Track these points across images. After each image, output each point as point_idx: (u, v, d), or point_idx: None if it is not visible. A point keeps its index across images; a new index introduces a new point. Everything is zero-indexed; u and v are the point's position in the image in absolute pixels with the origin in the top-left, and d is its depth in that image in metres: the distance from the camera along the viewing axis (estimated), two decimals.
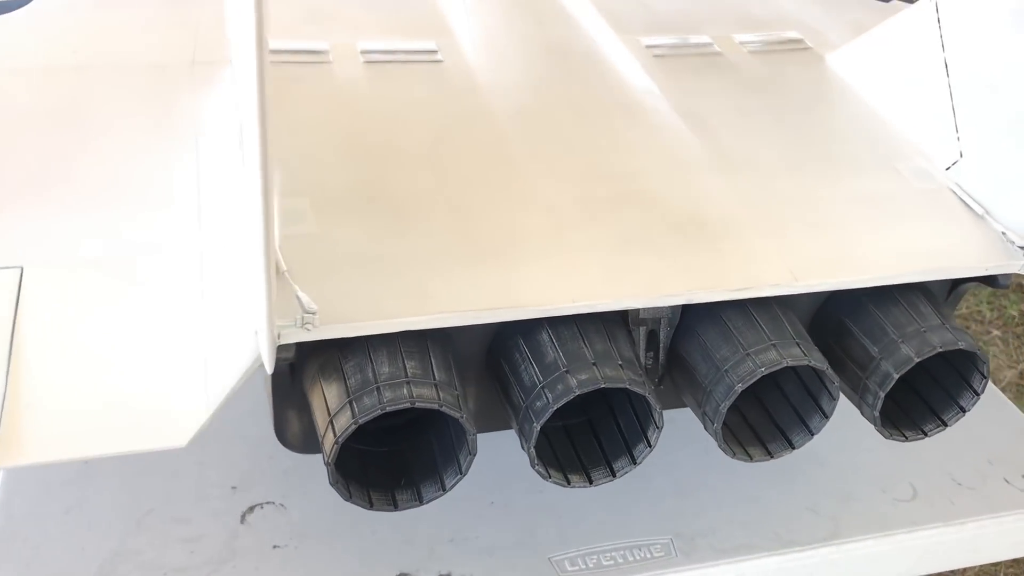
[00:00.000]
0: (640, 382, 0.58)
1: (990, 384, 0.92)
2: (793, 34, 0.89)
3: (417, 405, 0.54)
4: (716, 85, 0.80)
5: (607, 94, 0.77)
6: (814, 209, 0.67)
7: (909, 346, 0.63)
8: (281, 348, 0.54)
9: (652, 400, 0.59)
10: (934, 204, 0.69)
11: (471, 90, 0.75)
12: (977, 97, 0.69)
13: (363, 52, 0.78)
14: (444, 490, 0.59)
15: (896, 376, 0.63)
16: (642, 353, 0.65)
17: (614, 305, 0.59)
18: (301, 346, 0.57)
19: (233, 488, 0.75)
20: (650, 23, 0.87)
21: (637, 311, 0.64)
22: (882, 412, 0.69)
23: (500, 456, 0.70)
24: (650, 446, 0.61)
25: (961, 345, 0.63)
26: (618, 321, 0.63)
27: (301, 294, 0.54)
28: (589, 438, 0.64)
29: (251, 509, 0.75)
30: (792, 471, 0.82)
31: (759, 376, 0.60)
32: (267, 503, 0.75)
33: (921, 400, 0.70)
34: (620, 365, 0.58)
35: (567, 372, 0.58)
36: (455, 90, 0.75)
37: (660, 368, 0.67)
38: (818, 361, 0.61)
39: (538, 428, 0.57)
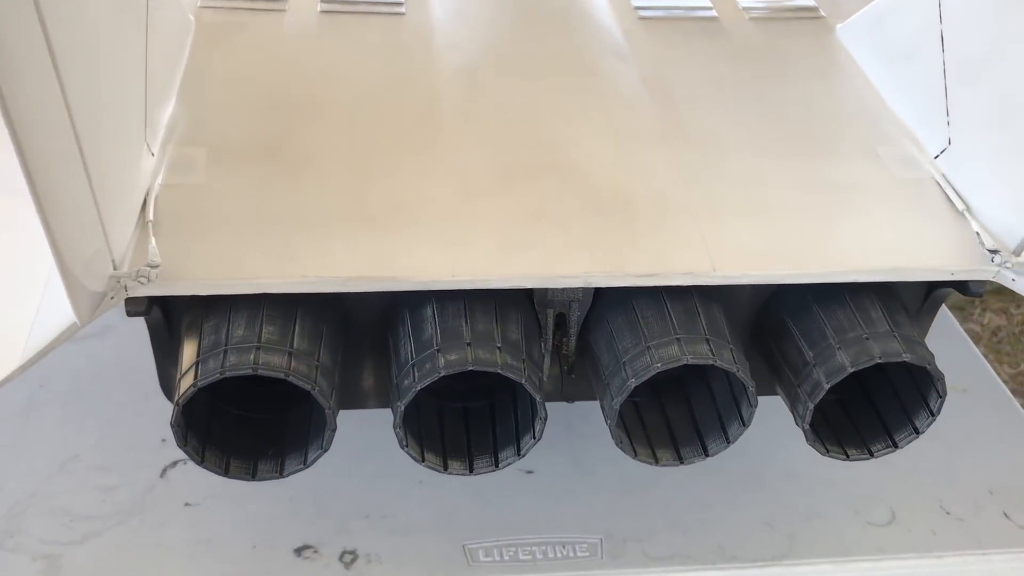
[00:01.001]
0: (516, 368, 0.53)
1: (1013, 403, 0.83)
2: (809, 2, 0.80)
3: (260, 372, 0.51)
4: (700, 52, 0.73)
5: (571, 57, 0.71)
6: (764, 194, 0.60)
7: (845, 354, 0.56)
8: (130, 301, 0.52)
9: (530, 389, 0.54)
10: (911, 196, 0.61)
11: (424, 46, 0.71)
12: (969, 77, 0.60)
13: (323, 1, 0.75)
14: (305, 464, 0.56)
15: (826, 385, 0.56)
16: (548, 338, 0.60)
17: (499, 283, 0.54)
18: (176, 301, 0.55)
19: (163, 441, 0.74)
20: None
21: (544, 292, 0.58)
22: (830, 425, 0.62)
23: None
24: (535, 437, 0.56)
25: (906, 358, 0.55)
26: (522, 302, 0.58)
27: (152, 246, 0.52)
28: (486, 423, 0.60)
29: (174, 464, 0.73)
30: (757, 480, 0.76)
31: (654, 372, 0.54)
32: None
33: (877, 416, 0.62)
34: (498, 348, 0.54)
35: (438, 351, 0.53)
36: (406, 45, 0.71)
37: (571, 355, 0.61)
38: (727, 362, 0.54)
39: (402, 408, 0.54)
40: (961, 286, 0.59)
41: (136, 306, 0.52)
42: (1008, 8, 0.57)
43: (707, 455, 0.59)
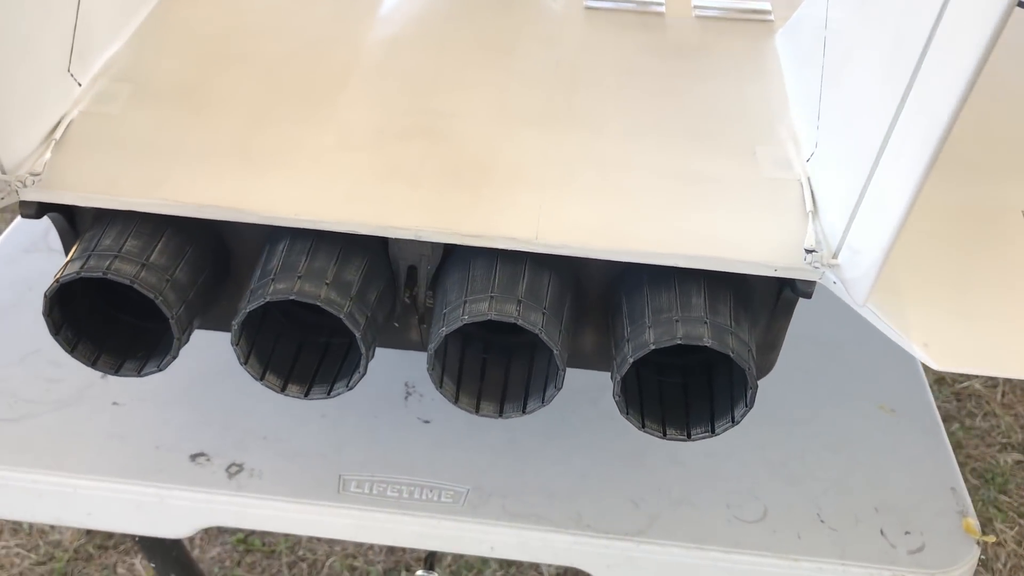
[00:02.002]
0: (338, 304, 0.58)
1: (939, 429, 0.82)
2: (763, 5, 0.81)
3: (108, 277, 0.58)
4: (627, 44, 0.76)
5: (495, 37, 0.75)
6: (623, 177, 0.63)
7: (654, 331, 0.58)
8: (23, 204, 0.61)
9: (350, 325, 0.59)
10: (770, 195, 0.62)
11: (364, 15, 0.77)
12: (832, 81, 0.61)
13: None
14: (159, 368, 0.63)
15: (631, 359, 0.58)
16: (400, 288, 0.65)
17: (336, 227, 0.59)
18: (78, 212, 0.64)
19: None
20: None
21: (397, 245, 0.63)
22: (662, 404, 0.64)
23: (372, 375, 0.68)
24: (361, 372, 0.61)
25: (707, 342, 0.57)
26: (377, 252, 0.63)
27: (45, 159, 0.60)
28: (337, 357, 0.65)
29: None
30: (639, 459, 0.78)
31: (460, 324, 0.58)
32: None
33: (709, 403, 0.64)
34: (326, 284, 0.59)
35: (272, 280, 0.59)
36: (347, 14, 0.77)
37: (422, 307, 0.66)
38: (531, 324, 0.58)
39: (236, 326, 0.60)
40: (795, 287, 0.60)
41: (27, 209, 0.61)
42: (863, 7, 0.58)
43: (524, 412, 0.62)
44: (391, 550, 1.66)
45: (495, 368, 0.66)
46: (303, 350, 0.66)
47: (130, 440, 0.76)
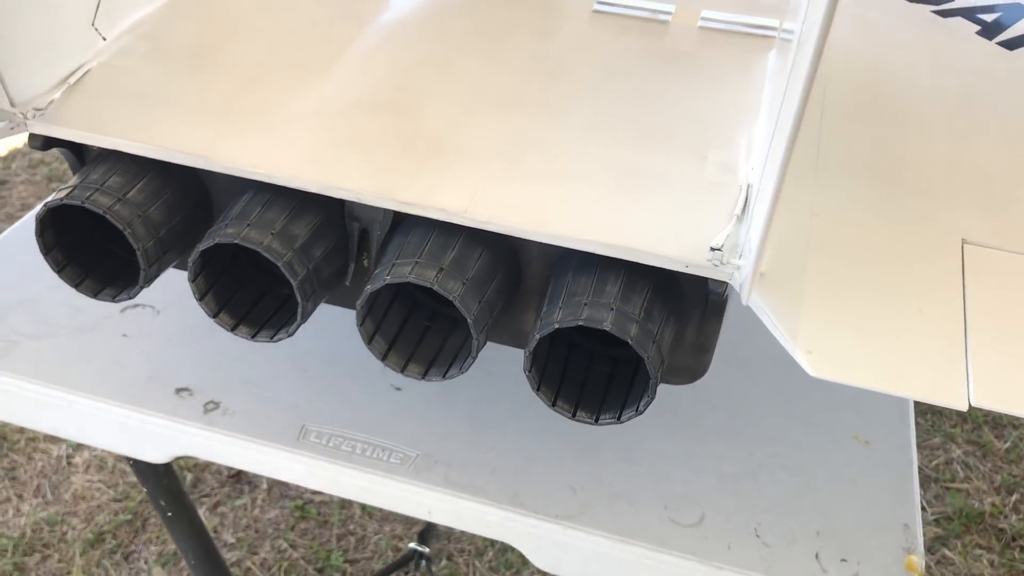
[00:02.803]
0: (280, 253, 0.63)
1: (911, 467, 0.80)
2: (771, 21, 0.82)
3: (85, 206, 0.65)
4: (620, 47, 0.78)
5: (493, 29, 0.79)
6: (568, 165, 0.66)
7: (562, 312, 0.61)
8: (30, 136, 0.69)
9: (287, 273, 0.64)
10: (707, 197, 0.64)
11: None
12: (776, 92, 0.62)
13: None
14: (130, 295, 0.69)
15: (537, 336, 0.61)
16: (353, 250, 0.69)
17: (284, 181, 0.64)
18: (85, 149, 0.72)
19: None
20: None
21: (352, 207, 0.68)
22: (582, 388, 0.66)
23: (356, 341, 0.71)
24: (298, 319, 0.66)
25: (607, 327, 0.59)
26: (333, 213, 0.68)
27: (54, 96, 0.68)
28: (292, 308, 0.70)
29: (134, 306, 0.90)
30: (594, 449, 0.80)
31: (382, 284, 0.62)
32: (149, 306, 0.91)
33: (627, 392, 0.65)
34: (272, 233, 0.64)
35: (225, 225, 0.65)
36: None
37: (371, 268, 0.70)
38: (446, 291, 0.61)
39: (190, 263, 0.66)
40: (708, 290, 0.61)
41: (34, 141, 0.69)
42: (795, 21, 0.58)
43: (425, 376, 0.66)
44: (437, 538, 1.71)
45: (434, 336, 0.69)
46: (264, 298, 0.71)
47: (128, 368, 0.83)
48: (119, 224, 0.65)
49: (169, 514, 0.98)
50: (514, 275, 0.68)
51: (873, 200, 0.64)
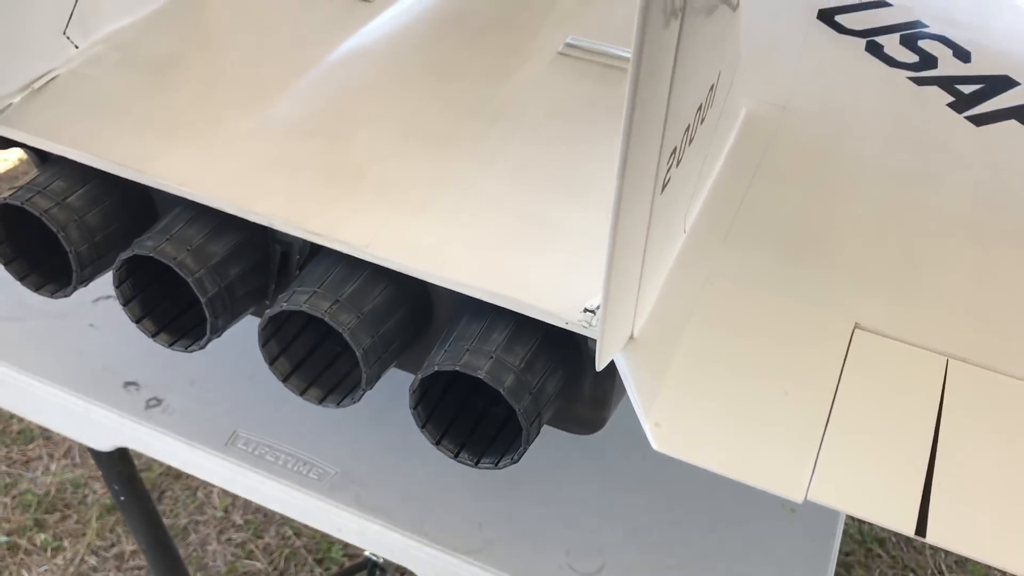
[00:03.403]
0: (191, 269, 0.66)
1: (835, 538, 0.79)
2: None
3: (24, 207, 0.69)
4: (574, 91, 0.78)
5: (452, 64, 0.80)
6: (478, 209, 0.66)
7: (444, 355, 0.62)
8: None
9: (196, 289, 0.66)
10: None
11: (356, 25, 0.84)
12: None
13: None
14: (65, 294, 0.73)
15: (420, 376, 0.62)
16: (274, 271, 0.71)
17: (202, 199, 0.66)
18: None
19: None
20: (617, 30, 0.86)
21: (274, 231, 0.70)
22: (473, 431, 0.67)
23: None
24: (207, 334, 0.69)
25: (480, 375, 0.60)
26: (257, 234, 0.70)
27: (13, 100, 0.72)
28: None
29: (107, 297, 0.95)
30: (514, 490, 0.80)
31: (279, 310, 0.64)
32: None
33: (515, 439, 0.66)
34: (187, 249, 0.67)
35: (147, 238, 0.68)
36: (345, 21, 0.84)
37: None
38: (337, 323, 0.63)
39: (113, 272, 0.69)
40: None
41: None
42: None
43: (338, 406, 0.67)
44: None
45: (343, 363, 0.71)
46: (189, 311, 0.74)
47: (85, 357, 0.88)
48: (53, 227, 0.69)
49: (122, 498, 1.03)
50: (424, 311, 0.69)
51: (775, 271, 0.63)
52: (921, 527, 0.50)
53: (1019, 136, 0.78)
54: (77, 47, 0.78)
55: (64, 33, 0.76)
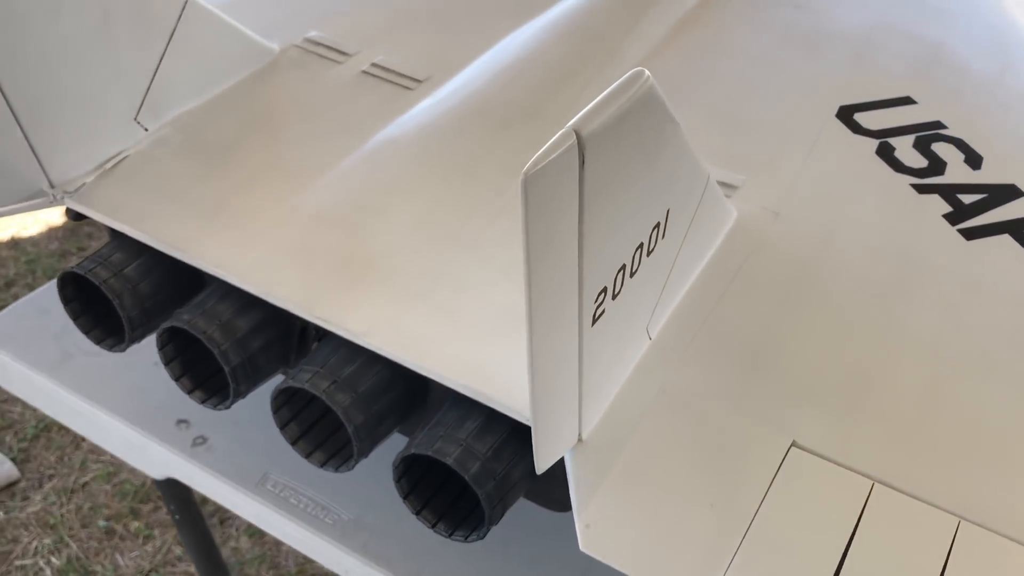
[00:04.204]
0: (217, 342, 0.75)
1: None
2: (739, 178, 0.86)
3: (87, 277, 0.80)
4: None
5: (470, 160, 0.87)
6: (471, 305, 0.73)
7: (422, 439, 0.69)
8: (67, 209, 0.84)
9: (220, 360, 0.76)
10: None
11: (392, 116, 0.92)
12: None
13: (372, 64, 0.99)
14: (109, 350, 0.84)
15: (401, 455, 0.70)
16: (294, 343, 0.80)
17: (235, 281, 0.76)
18: None
19: None
20: None
21: None
22: (456, 502, 0.74)
23: None
24: (231, 398, 0.78)
25: (448, 461, 0.67)
26: (280, 313, 0.78)
27: (87, 180, 0.83)
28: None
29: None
30: (505, 545, 0.87)
31: (286, 386, 0.73)
32: None
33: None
34: (217, 324, 0.76)
35: (184, 311, 0.78)
36: (385, 109, 0.93)
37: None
38: (334, 403, 0.71)
39: (156, 336, 0.79)
40: None
41: (69, 214, 0.84)
42: None
43: (337, 471, 0.76)
44: None
45: (344, 434, 0.79)
46: (220, 373, 0.83)
47: (146, 394, 0.99)
48: (109, 294, 0.80)
49: (177, 517, 1.14)
50: (421, 390, 0.77)
51: (726, 385, 0.68)
52: None
53: (1007, 252, 0.80)
54: (147, 129, 0.89)
55: (136, 119, 0.87)
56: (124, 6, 0.80)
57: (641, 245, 0.60)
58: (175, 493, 1.11)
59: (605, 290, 0.57)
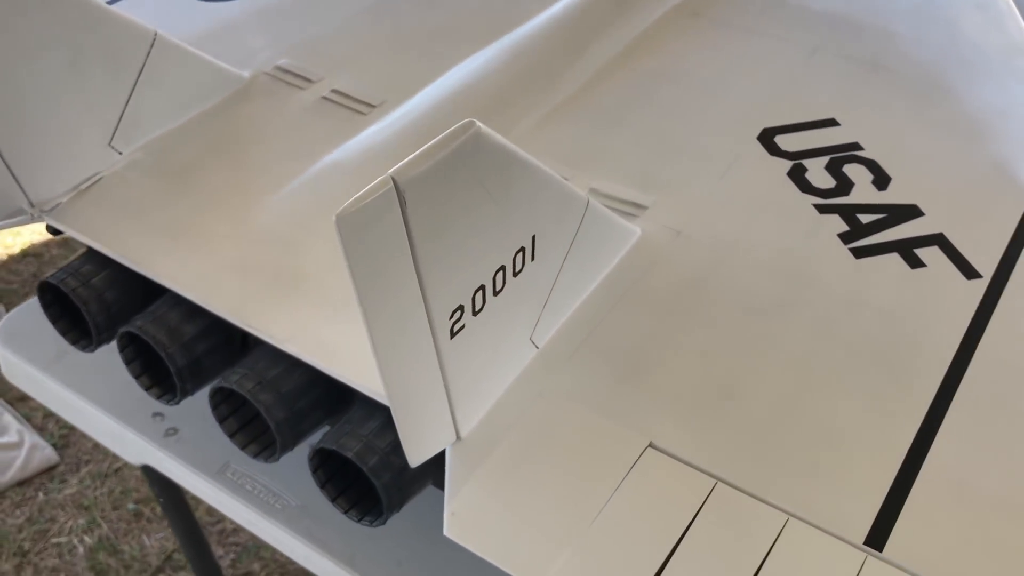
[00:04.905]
0: (161, 343, 0.85)
1: None
2: (650, 199, 0.92)
3: (59, 286, 0.90)
4: None
5: None
6: None
7: (331, 435, 0.78)
8: (47, 225, 0.95)
9: (168, 363, 0.85)
10: None
11: (348, 142, 1.01)
12: None
13: (332, 90, 1.08)
14: (83, 350, 0.94)
15: (315, 448, 0.79)
16: (236, 349, 0.90)
17: (179, 291, 0.85)
18: None
19: None
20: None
21: None
22: (369, 492, 0.83)
23: None
24: (177, 396, 0.88)
25: (349, 455, 0.76)
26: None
27: (62, 200, 0.94)
28: None
29: None
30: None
31: (218, 384, 0.82)
32: None
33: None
34: (166, 328, 0.86)
35: (139, 318, 0.88)
36: (341, 134, 1.01)
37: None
38: (259, 402, 0.80)
39: (117, 340, 0.89)
40: None
41: (49, 228, 0.95)
42: None
43: (267, 462, 0.85)
44: None
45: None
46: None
47: (128, 388, 1.08)
48: (77, 302, 0.90)
49: (161, 500, 1.25)
50: (346, 392, 0.86)
51: (600, 392, 0.76)
52: None
53: (893, 270, 0.86)
54: (121, 153, 0.99)
55: (110, 144, 0.97)
56: (94, 46, 0.90)
57: (503, 267, 0.68)
58: (157, 477, 1.21)
59: (462, 308, 0.65)
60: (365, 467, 0.76)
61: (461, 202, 0.60)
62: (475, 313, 0.67)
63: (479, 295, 0.67)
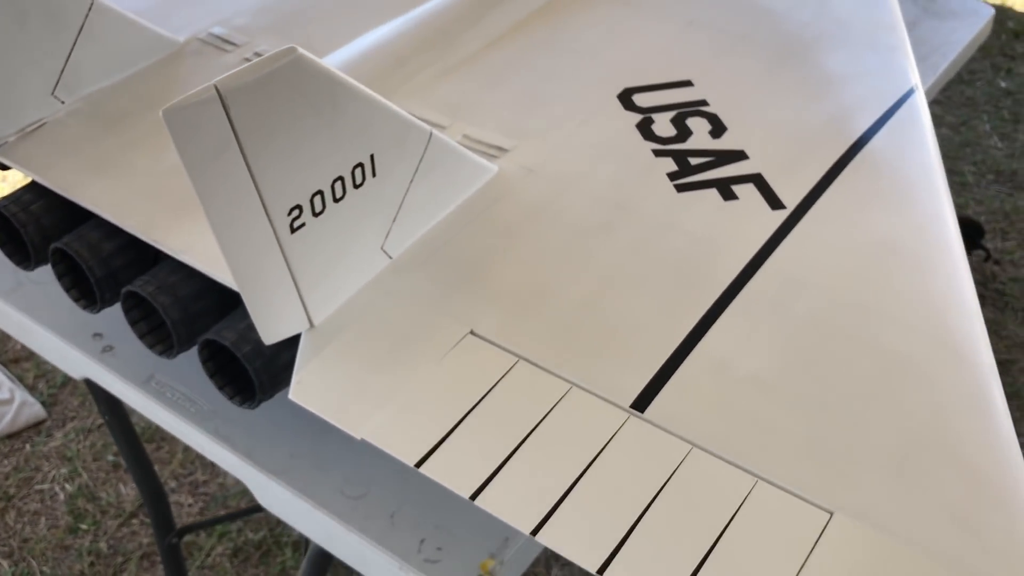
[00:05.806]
0: (85, 258, 1.00)
1: None
2: (512, 143, 1.07)
3: (2, 211, 1.06)
4: None
5: None
6: None
7: (212, 330, 0.93)
8: None
9: (87, 271, 1.00)
10: None
11: None
12: None
13: (254, 53, 1.23)
14: (23, 268, 1.09)
15: (200, 341, 0.94)
16: (150, 263, 1.05)
17: (99, 213, 1.01)
18: None
19: None
20: None
21: None
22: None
23: None
24: (98, 302, 1.03)
25: (225, 343, 0.90)
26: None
27: (10, 139, 1.09)
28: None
29: None
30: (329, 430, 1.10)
31: (127, 290, 0.97)
32: None
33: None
34: (87, 245, 1.01)
35: (68, 237, 1.03)
36: None
37: None
38: (158, 303, 0.95)
39: (49, 255, 1.04)
40: None
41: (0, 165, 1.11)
42: None
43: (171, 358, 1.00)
44: None
45: None
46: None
47: (74, 313, 1.24)
48: (17, 224, 1.06)
49: (106, 417, 1.40)
50: (235, 298, 1.00)
51: (435, 293, 0.90)
52: (421, 463, 0.77)
53: (709, 203, 1.00)
54: (63, 102, 1.14)
55: (53, 94, 1.13)
56: (37, 8, 1.06)
57: (341, 178, 0.82)
58: (100, 393, 1.36)
59: (300, 207, 0.80)
60: (239, 353, 0.91)
61: (287, 115, 0.74)
62: (316, 215, 0.82)
63: (317, 199, 0.81)
